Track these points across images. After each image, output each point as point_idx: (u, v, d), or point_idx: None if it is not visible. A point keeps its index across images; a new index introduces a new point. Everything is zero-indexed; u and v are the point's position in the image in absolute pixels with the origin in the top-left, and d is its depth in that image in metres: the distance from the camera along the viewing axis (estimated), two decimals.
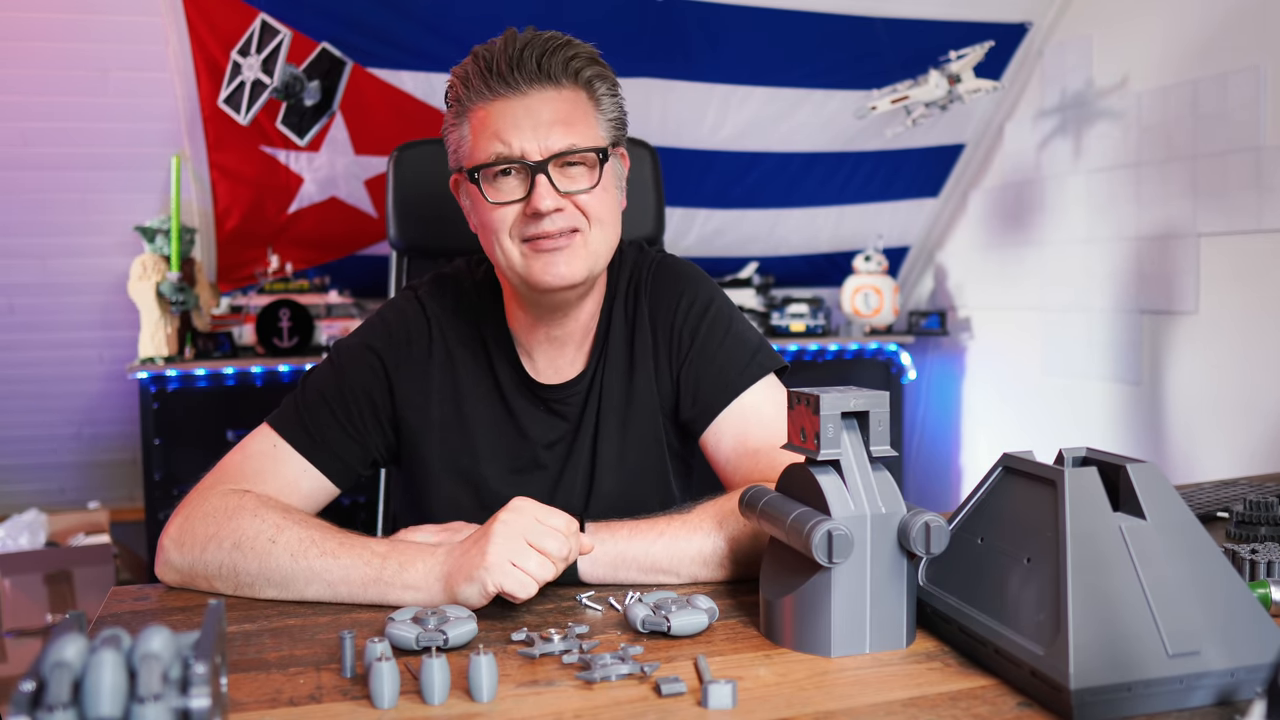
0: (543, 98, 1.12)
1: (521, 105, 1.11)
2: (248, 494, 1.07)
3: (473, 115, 1.14)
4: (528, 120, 1.11)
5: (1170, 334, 2.75)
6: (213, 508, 1.05)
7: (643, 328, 1.26)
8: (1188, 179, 2.65)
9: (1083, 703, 0.69)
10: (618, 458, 1.26)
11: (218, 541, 1.02)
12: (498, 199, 1.13)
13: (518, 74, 1.11)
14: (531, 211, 1.11)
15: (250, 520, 1.02)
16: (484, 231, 1.16)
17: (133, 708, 0.52)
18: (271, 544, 1.00)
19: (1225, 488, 1.41)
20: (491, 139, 1.11)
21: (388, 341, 1.23)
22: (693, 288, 1.27)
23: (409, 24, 2.70)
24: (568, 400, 1.25)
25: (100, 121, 2.73)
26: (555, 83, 1.12)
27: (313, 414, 1.17)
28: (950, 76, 2.80)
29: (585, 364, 1.26)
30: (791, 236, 3.52)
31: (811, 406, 0.84)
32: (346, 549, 0.99)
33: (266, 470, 1.13)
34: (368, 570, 0.97)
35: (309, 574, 0.98)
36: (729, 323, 1.26)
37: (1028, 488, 0.82)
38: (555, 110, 1.12)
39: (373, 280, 3.13)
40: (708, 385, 1.23)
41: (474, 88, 1.13)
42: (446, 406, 1.24)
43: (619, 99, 1.20)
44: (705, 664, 0.80)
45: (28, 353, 2.98)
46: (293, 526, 1.01)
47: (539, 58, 1.11)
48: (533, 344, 1.24)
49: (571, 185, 1.13)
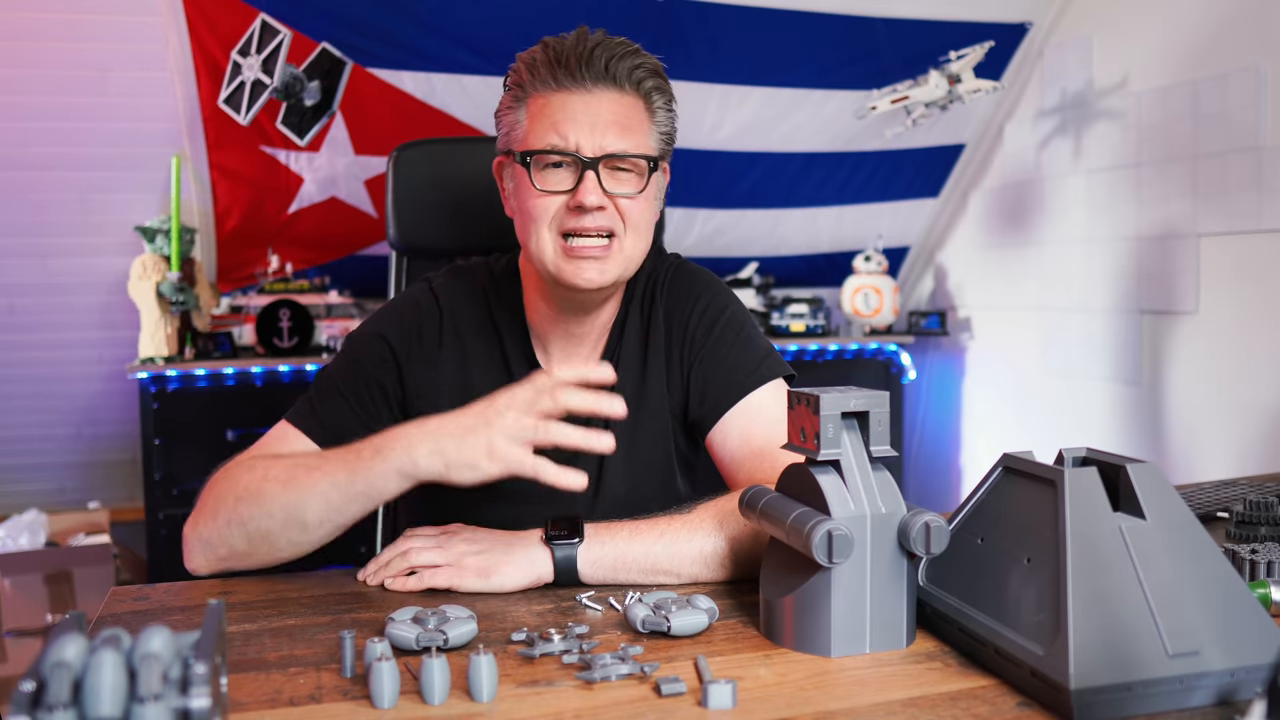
0: (605, 98, 1.14)
1: (583, 101, 1.14)
2: (245, 457, 1.10)
3: (533, 102, 1.16)
4: (586, 117, 1.13)
5: (1170, 334, 2.75)
6: (217, 481, 1.08)
7: (657, 329, 1.28)
8: (1188, 179, 2.65)
9: (1083, 703, 0.69)
10: (626, 456, 1.26)
11: (224, 503, 1.05)
12: (545, 187, 1.14)
13: (586, 71, 1.13)
14: (575, 204, 1.13)
15: (244, 473, 1.06)
16: (522, 217, 1.18)
17: (133, 708, 0.52)
18: (264, 482, 1.03)
19: (1225, 488, 1.41)
20: (549, 128, 1.13)
21: (399, 330, 1.24)
22: (708, 293, 1.29)
23: (409, 24, 2.70)
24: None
25: (100, 121, 2.74)
26: (619, 86, 1.15)
27: (326, 405, 1.18)
28: (950, 76, 2.80)
29: (599, 361, 1.27)
30: (791, 236, 3.52)
31: (811, 406, 0.84)
32: (327, 457, 1.04)
33: (279, 450, 1.15)
34: (346, 466, 1.00)
35: (301, 493, 1.01)
36: (741, 328, 1.28)
37: (1028, 488, 0.82)
38: (614, 113, 1.14)
39: (373, 280, 3.13)
40: (716, 385, 1.24)
41: (540, 76, 1.15)
42: (455, 398, 1.24)
43: (673, 115, 1.23)
44: (705, 664, 0.80)
45: (28, 353, 2.98)
46: (280, 462, 1.05)
47: (608, 60, 1.14)
48: (550, 338, 1.26)
49: (618, 187, 1.15)
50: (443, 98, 2.86)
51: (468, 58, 2.80)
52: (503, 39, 2.74)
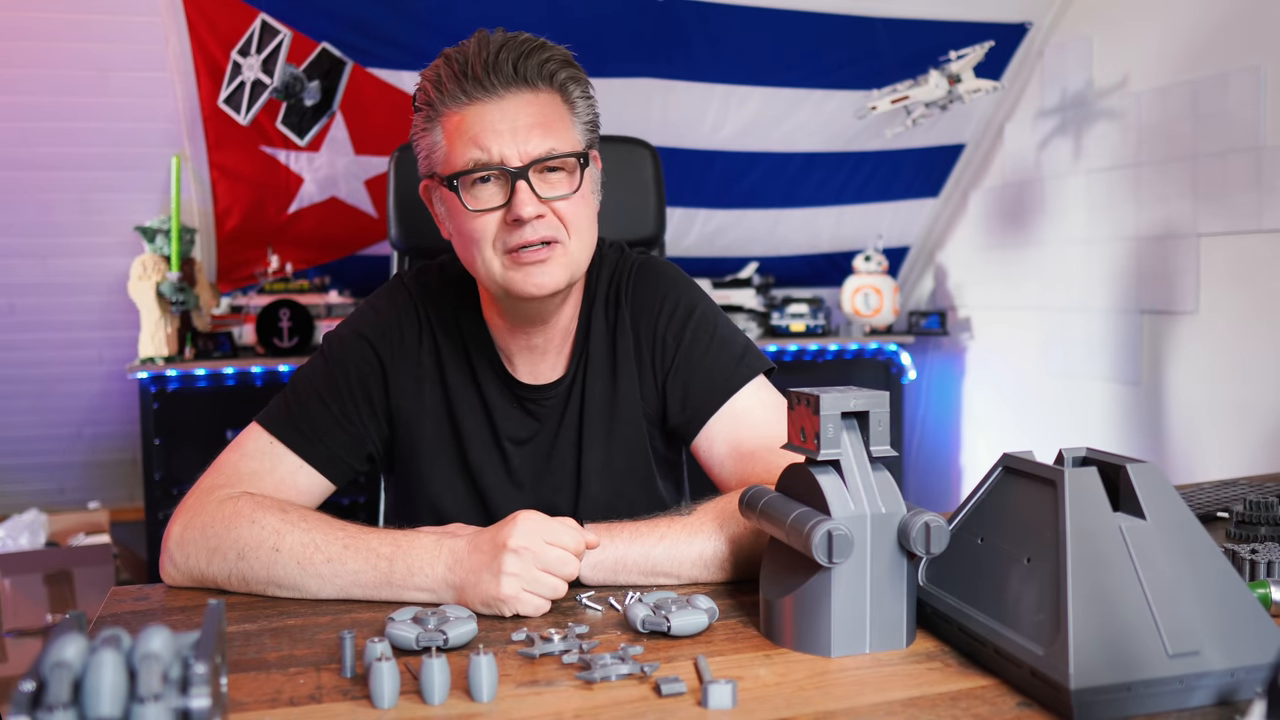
0: (519, 101, 1.10)
1: (497, 109, 1.09)
2: (243, 498, 1.06)
3: (446, 120, 1.11)
4: (505, 125, 1.08)
5: (1170, 334, 2.75)
6: (210, 518, 1.04)
7: (624, 332, 1.25)
8: (1188, 179, 2.65)
9: (1083, 703, 0.69)
10: (604, 462, 1.25)
11: (221, 555, 1.02)
12: (478, 206, 1.11)
13: (494, 77, 1.08)
14: (513, 219, 1.09)
15: (249, 528, 1.01)
16: (462, 240, 1.15)
17: (133, 708, 0.52)
18: (275, 553, 1.00)
19: (1225, 488, 1.41)
20: (469, 145, 1.09)
21: (381, 331, 1.22)
22: (675, 292, 1.26)
23: (409, 24, 2.70)
24: (543, 401, 1.25)
25: (100, 121, 2.74)
26: (531, 86, 1.10)
27: (305, 411, 1.16)
28: (950, 76, 2.80)
29: (566, 368, 1.25)
30: (792, 236, 3.52)
31: (811, 406, 0.84)
32: (351, 552, 0.99)
33: (263, 470, 1.12)
34: (375, 574, 0.97)
35: (318, 580, 0.99)
36: (713, 327, 1.24)
37: (1028, 488, 0.82)
38: (532, 114, 1.10)
39: (372, 280, 3.13)
40: (696, 391, 1.22)
41: (447, 91, 1.10)
42: (436, 393, 1.24)
43: (592, 101, 1.18)
44: (705, 664, 0.80)
45: (28, 353, 2.98)
46: (292, 531, 1.01)
47: (515, 60, 1.09)
48: (512, 350, 1.24)
49: (551, 191, 1.11)
50: None
51: None
52: None
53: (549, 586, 0.93)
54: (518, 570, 0.92)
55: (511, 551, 0.93)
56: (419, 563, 0.97)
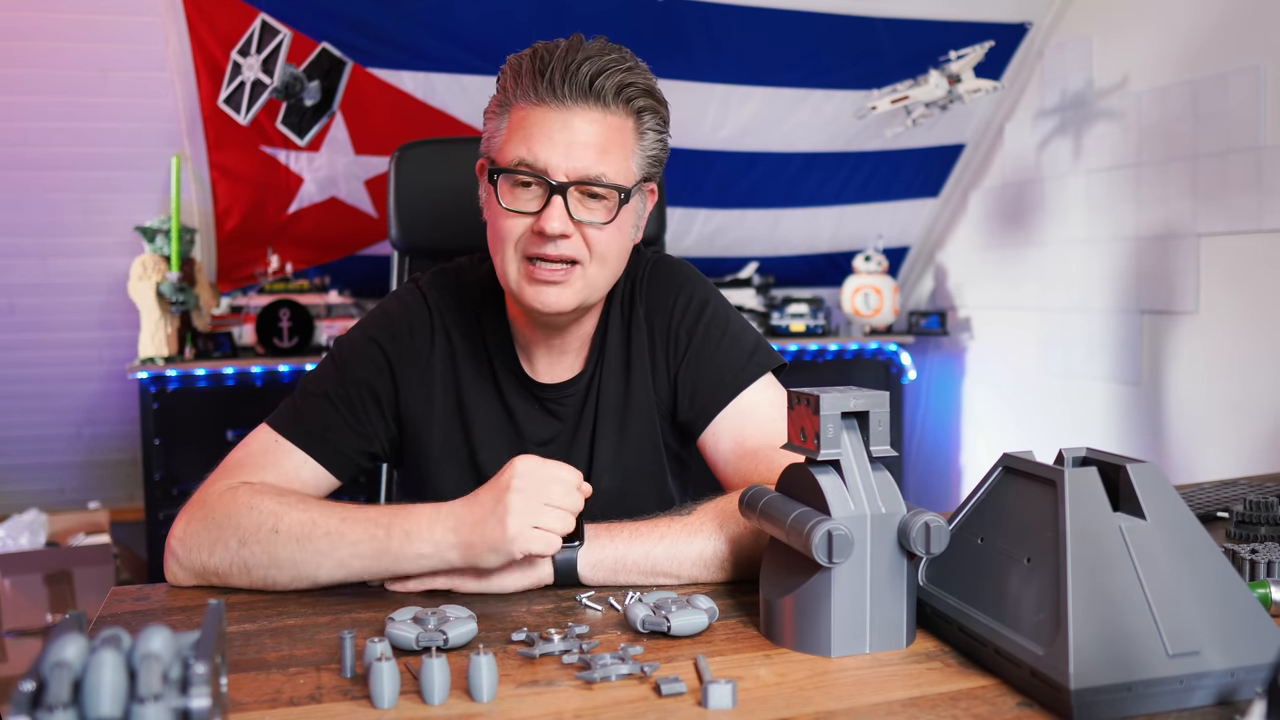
0: (586, 117, 1.08)
1: (561, 119, 1.07)
2: (241, 488, 1.06)
3: (514, 112, 1.11)
4: (562, 136, 1.07)
5: (1170, 334, 2.75)
6: (211, 510, 1.04)
7: (639, 329, 1.25)
8: (1188, 179, 2.66)
9: (1083, 703, 0.69)
10: (615, 458, 1.25)
11: (223, 543, 1.02)
12: (511, 206, 1.10)
13: (567, 86, 1.07)
14: (538, 229, 1.09)
15: (247, 514, 1.02)
16: (490, 231, 1.16)
17: (133, 708, 0.52)
18: (275, 534, 1.00)
19: (1225, 488, 1.41)
20: (522, 144, 1.08)
21: (390, 333, 1.22)
22: (688, 288, 1.26)
23: (409, 24, 2.70)
24: (563, 400, 1.25)
25: (100, 121, 2.74)
26: (603, 104, 1.09)
27: (312, 410, 1.16)
28: (950, 76, 2.80)
29: (583, 366, 1.26)
30: (791, 236, 3.52)
31: (811, 406, 0.84)
32: (349, 524, 0.99)
33: (266, 464, 1.12)
34: (374, 544, 0.98)
35: (318, 557, 0.99)
36: (725, 323, 1.25)
37: (1028, 488, 0.82)
38: (594, 133, 1.08)
39: (372, 280, 3.13)
40: (705, 387, 1.22)
41: (523, 85, 1.09)
42: (448, 397, 1.24)
43: (665, 136, 1.17)
44: (705, 664, 0.80)
45: (28, 353, 2.98)
46: (290, 511, 1.01)
47: (593, 75, 1.07)
48: (532, 347, 1.24)
49: (587, 215, 1.10)
50: (443, 98, 2.86)
51: (468, 57, 2.80)
52: (503, 38, 2.73)
53: (558, 518, 0.94)
54: (522, 508, 0.93)
55: (515, 491, 0.93)
56: (417, 528, 0.97)
